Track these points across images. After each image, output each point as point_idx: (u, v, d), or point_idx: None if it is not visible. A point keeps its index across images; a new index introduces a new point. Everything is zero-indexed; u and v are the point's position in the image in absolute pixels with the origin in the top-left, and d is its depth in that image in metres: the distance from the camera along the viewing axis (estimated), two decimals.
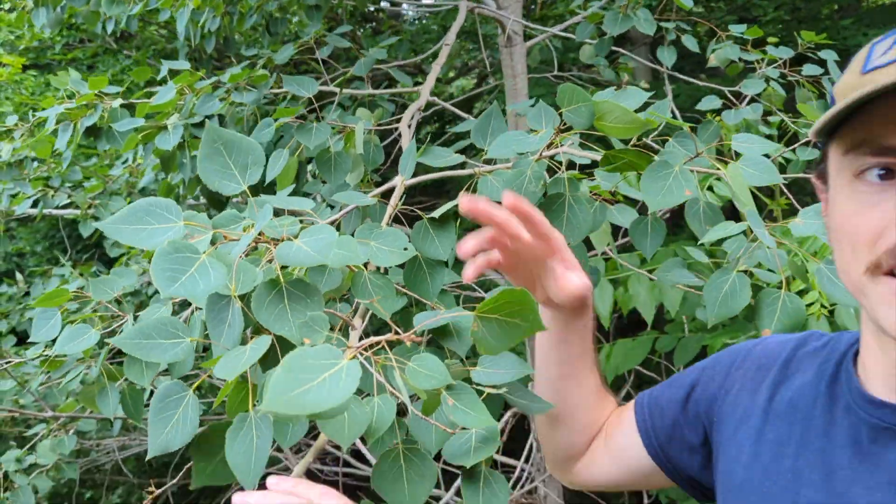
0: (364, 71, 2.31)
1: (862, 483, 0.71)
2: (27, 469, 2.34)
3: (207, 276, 0.81)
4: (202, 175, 0.93)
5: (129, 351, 0.88)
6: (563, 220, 1.11)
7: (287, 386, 0.67)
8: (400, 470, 0.84)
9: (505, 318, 0.82)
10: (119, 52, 5.57)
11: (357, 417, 0.80)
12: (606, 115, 1.09)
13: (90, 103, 1.82)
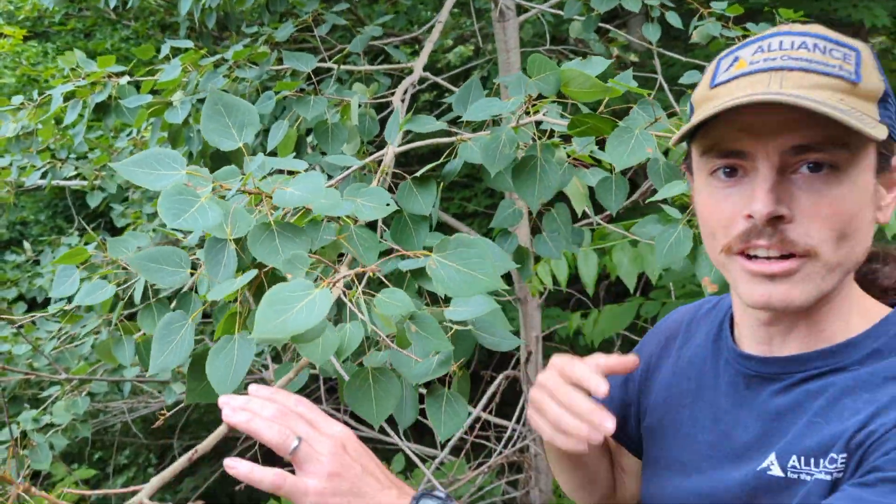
0: (360, 48, 2.39)
1: (741, 424, 0.86)
2: (43, 428, 2.47)
3: (206, 215, 0.95)
4: (204, 133, 1.04)
5: (138, 269, 1.01)
6: (536, 178, 1.21)
7: (270, 316, 0.83)
8: (368, 388, 0.96)
9: (462, 267, 0.95)
10: (118, 22, 5.60)
11: (329, 340, 0.91)
12: (571, 81, 1.20)
13: (99, 81, 1.91)
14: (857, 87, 0.74)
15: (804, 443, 0.79)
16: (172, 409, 2.89)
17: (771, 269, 0.77)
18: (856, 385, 0.79)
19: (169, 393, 2.71)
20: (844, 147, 0.74)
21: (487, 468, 2.86)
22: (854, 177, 0.75)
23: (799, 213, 0.75)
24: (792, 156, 0.75)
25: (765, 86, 0.74)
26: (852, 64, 0.75)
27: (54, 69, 4.94)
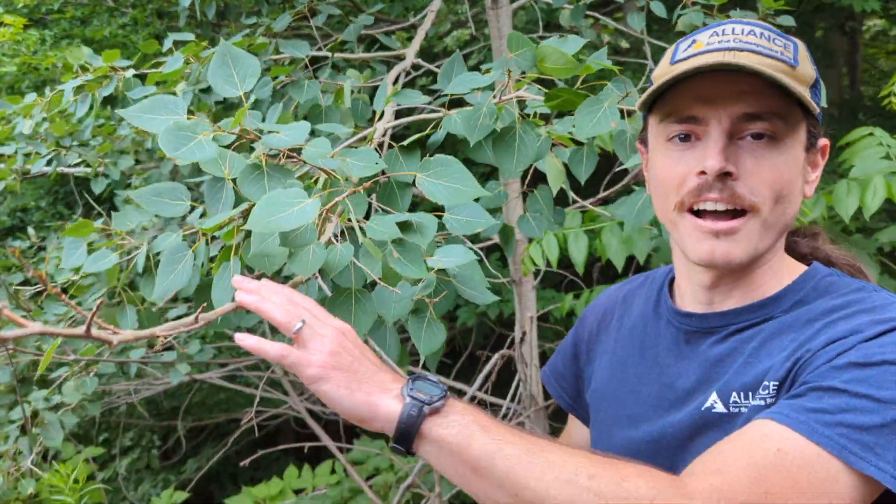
0: (353, 36, 2.46)
1: (684, 374, 0.96)
2: (53, 407, 2.55)
3: (203, 149, 1.04)
4: (211, 81, 1.13)
5: (143, 203, 1.10)
6: (514, 149, 1.28)
7: (266, 212, 0.93)
8: (349, 306, 1.04)
9: (446, 181, 1.08)
10: (115, 9, 5.63)
11: (318, 255, 1.00)
12: (547, 57, 1.27)
13: (105, 75, 1.98)
14: (795, 71, 0.86)
15: (742, 380, 0.89)
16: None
17: (717, 227, 0.88)
18: (782, 328, 0.89)
19: (174, 374, 2.79)
20: (783, 119, 0.85)
21: None
22: (789, 147, 0.87)
23: (744, 173, 0.86)
24: (741, 123, 0.86)
25: (720, 60, 0.84)
26: (791, 52, 0.87)
27: (54, 57, 5.00)
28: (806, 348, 0.83)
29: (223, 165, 1.09)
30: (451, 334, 5.44)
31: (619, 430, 1.03)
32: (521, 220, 1.53)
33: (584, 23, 2.78)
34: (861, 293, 0.88)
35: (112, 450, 4.44)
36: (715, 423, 0.89)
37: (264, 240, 1.01)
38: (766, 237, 0.89)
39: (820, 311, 0.88)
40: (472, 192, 1.08)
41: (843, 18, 6.54)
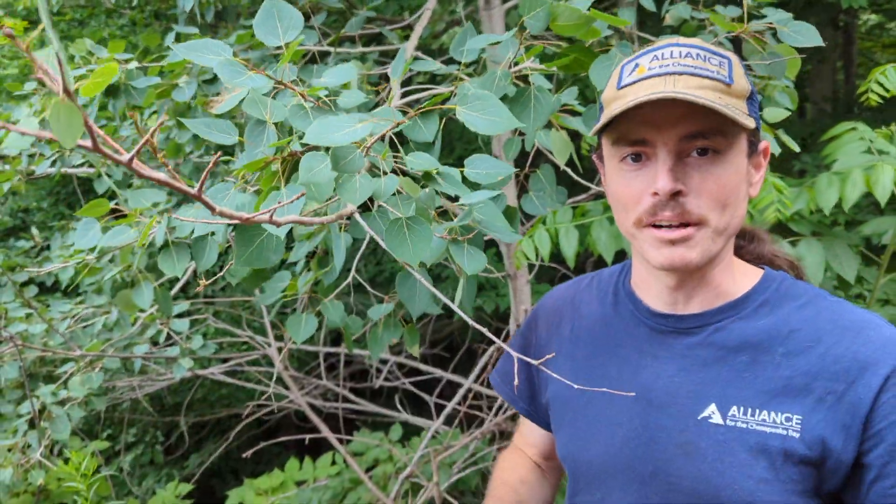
0: (355, 30, 2.52)
1: (664, 375, 1.02)
2: (60, 402, 2.61)
3: (254, 80, 1.15)
4: (256, 30, 1.21)
5: (196, 130, 1.16)
6: (531, 105, 1.33)
7: (321, 129, 1.02)
8: (404, 235, 1.07)
9: (482, 113, 1.16)
10: (114, 11, 5.69)
11: (365, 184, 1.06)
12: (559, 16, 1.32)
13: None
14: (731, 88, 0.94)
15: (742, 394, 0.95)
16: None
17: (672, 236, 0.96)
18: (767, 339, 0.96)
19: (177, 368, 2.85)
20: (723, 135, 0.93)
21: (480, 434, 3.01)
22: (731, 158, 0.94)
23: (692, 189, 0.94)
24: (685, 142, 0.93)
25: (661, 87, 0.92)
26: (726, 69, 0.94)
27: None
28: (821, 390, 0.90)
29: (264, 110, 1.16)
30: (448, 329, 5.51)
31: (596, 432, 1.06)
32: (525, 199, 1.57)
33: None
34: (820, 300, 0.98)
35: (116, 445, 4.51)
36: (711, 434, 0.95)
37: (313, 168, 1.06)
38: (718, 241, 0.97)
39: (797, 322, 0.96)
40: (507, 123, 1.15)
41: (834, 13, 6.59)
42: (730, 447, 0.93)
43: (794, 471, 0.90)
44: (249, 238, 1.19)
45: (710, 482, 0.94)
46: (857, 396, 0.88)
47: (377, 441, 3.49)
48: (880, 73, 2.12)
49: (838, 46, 7.73)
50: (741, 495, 0.91)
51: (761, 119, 1.11)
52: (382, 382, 3.75)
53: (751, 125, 0.92)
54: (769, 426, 0.92)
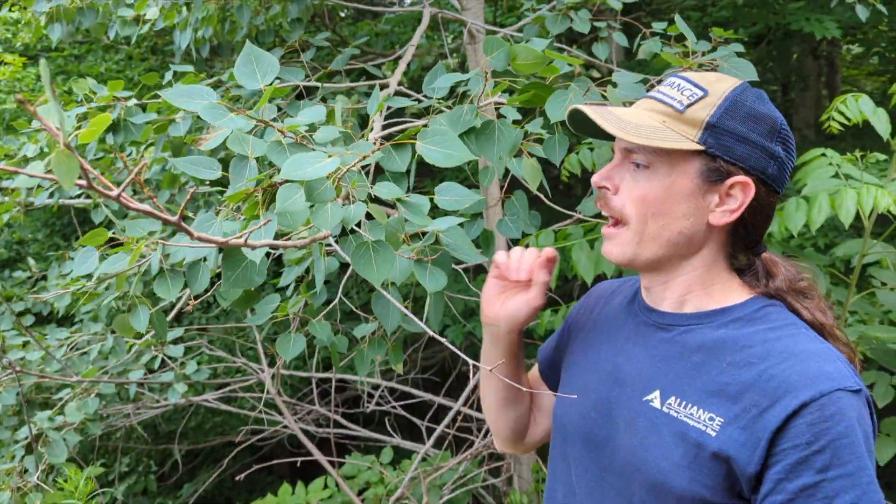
0: (341, 66, 2.65)
1: (633, 359, 1.14)
2: (57, 427, 2.67)
3: (235, 122, 1.25)
4: (236, 75, 1.31)
5: (183, 169, 1.26)
6: (495, 138, 1.44)
7: (294, 165, 1.12)
8: (370, 256, 1.18)
9: (440, 147, 1.28)
10: (111, 47, 5.82)
11: (336, 211, 1.16)
12: (518, 56, 1.44)
13: (108, 104, 2.14)
14: (681, 115, 1.05)
15: (682, 388, 1.05)
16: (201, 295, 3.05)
17: (605, 231, 1.12)
18: (722, 347, 1.05)
19: (172, 393, 2.91)
20: (655, 154, 1.05)
21: (470, 455, 3.07)
22: (665, 175, 1.05)
23: (620, 190, 1.08)
24: (628, 152, 1.08)
25: (636, 106, 1.08)
26: (691, 99, 1.05)
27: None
28: (748, 402, 0.98)
29: (246, 146, 1.27)
30: (441, 355, 5.57)
31: (579, 393, 1.20)
32: (501, 223, 1.68)
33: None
34: (792, 328, 1.04)
35: (110, 475, 4.53)
36: (648, 415, 1.06)
37: (289, 198, 1.16)
38: (648, 247, 1.08)
39: (755, 341, 1.03)
40: (462, 157, 1.27)
41: (815, 43, 6.77)
42: (658, 429, 1.04)
43: (707, 464, 0.98)
44: (235, 262, 1.30)
45: (636, 455, 1.05)
46: (773, 415, 0.95)
47: (368, 464, 3.54)
48: (841, 101, 2.23)
49: (822, 75, 7.91)
50: (657, 474, 1.01)
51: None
52: (374, 407, 3.80)
53: (678, 146, 1.02)
54: (693, 420, 1.01)
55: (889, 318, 2.89)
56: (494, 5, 4.62)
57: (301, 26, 2.60)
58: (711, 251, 1.10)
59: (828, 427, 0.92)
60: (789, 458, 0.93)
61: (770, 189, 1.08)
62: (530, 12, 2.65)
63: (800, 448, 0.93)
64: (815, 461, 0.92)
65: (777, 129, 1.07)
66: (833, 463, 0.91)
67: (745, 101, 1.05)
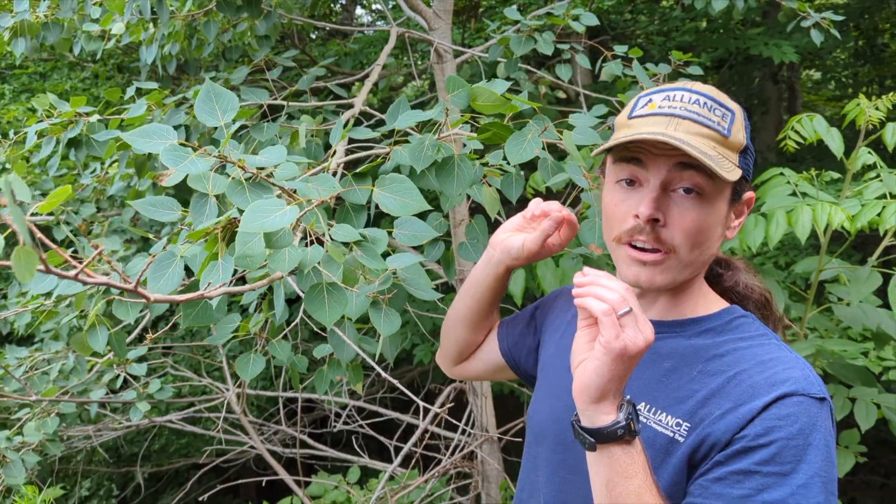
0: (307, 86, 2.66)
1: None
2: (16, 448, 2.61)
3: (196, 165, 1.23)
4: (197, 112, 1.30)
5: (142, 211, 1.26)
6: (454, 174, 1.48)
7: (254, 216, 1.11)
8: (323, 298, 1.19)
9: (397, 195, 1.29)
10: (77, 64, 5.76)
11: (294, 255, 1.17)
12: (479, 96, 1.47)
13: (71, 119, 2.12)
14: (727, 140, 1.03)
15: (653, 394, 1.07)
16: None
17: (644, 258, 1.07)
18: (694, 355, 1.07)
19: (134, 412, 2.87)
20: (710, 178, 1.02)
21: (438, 474, 3.06)
22: (713, 202, 1.05)
23: (670, 221, 1.04)
24: (675, 171, 1.02)
25: (664, 127, 1.03)
26: (727, 122, 1.04)
27: (15, 111, 5.09)
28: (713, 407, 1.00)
29: (207, 184, 1.27)
30: (410, 376, 5.55)
31: (551, 399, 1.21)
32: (461, 247, 1.70)
33: (521, 75, 3.02)
34: (762, 339, 1.07)
35: (70, 499, 4.42)
36: None
37: (248, 241, 1.18)
38: (685, 272, 1.08)
39: (725, 350, 1.05)
40: (417, 206, 1.30)
41: (774, 68, 6.95)
42: None
43: (673, 468, 1.01)
44: (194, 303, 1.32)
45: None
46: (736, 416, 0.97)
47: (335, 483, 3.51)
48: (797, 121, 2.29)
49: (783, 100, 8.12)
50: None
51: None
52: (342, 427, 3.77)
53: (733, 178, 1.01)
54: (661, 426, 1.03)
55: (847, 333, 2.96)
56: (462, 27, 4.68)
57: (269, 44, 2.61)
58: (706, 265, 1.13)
59: (780, 426, 0.94)
60: (734, 446, 0.96)
61: None
62: (496, 33, 2.69)
63: (747, 439, 0.95)
64: (757, 453, 0.94)
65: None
66: (773, 460, 0.93)
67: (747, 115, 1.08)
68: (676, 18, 5.13)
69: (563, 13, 2.54)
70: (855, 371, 2.46)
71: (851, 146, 2.42)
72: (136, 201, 1.26)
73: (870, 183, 2.37)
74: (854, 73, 7.44)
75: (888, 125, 2.32)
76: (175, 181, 1.32)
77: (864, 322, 2.37)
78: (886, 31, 7.21)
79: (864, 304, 2.42)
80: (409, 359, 4.98)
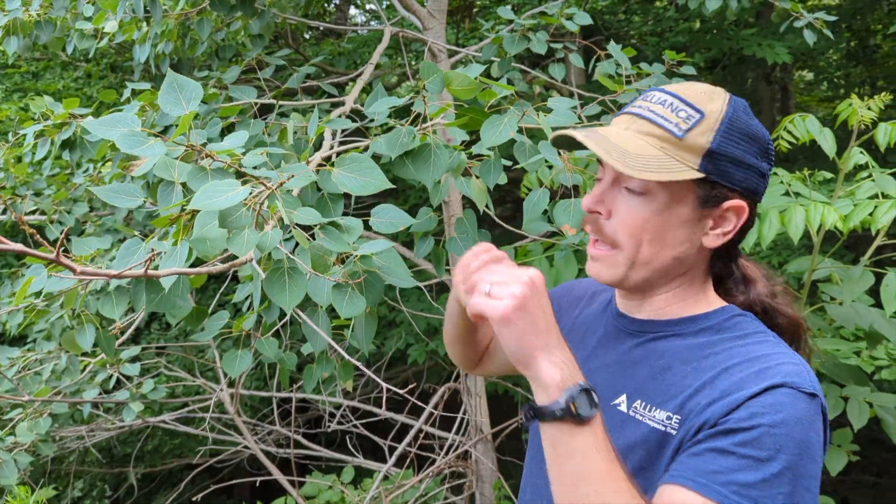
0: (297, 84, 2.66)
1: (603, 362, 1.16)
2: (8, 448, 2.60)
3: (153, 149, 1.22)
4: (161, 103, 1.28)
5: (104, 198, 1.24)
6: (430, 162, 1.46)
7: (206, 196, 1.10)
8: (284, 281, 1.19)
9: (357, 174, 1.28)
10: (69, 64, 5.74)
11: (251, 237, 1.16)
12: (453, 81, 1.46)
13: (65, 121, 2.12)
14: (681, 142, 1.01)
15: (648, 392, 1.06)
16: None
17: (592, 252, 1.10)
18: (686, 352, 1.07)
19: (127, 412, 2.86)
20: (647, 180, 1.00)
21: (431, 472, 3.06)
22: (661, 201, 1.03)
23: (615, 216, 1.05)
24: (621, 175, 1.04)
25: (624, 125, 1.05)
26: (689, 123, 1.01)
27: (8, 110, 5.07)
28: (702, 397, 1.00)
29: (173, 171, 1.26)
30: (404, 375, 5.55)
31: None
32: (450, 242, 1.70)
33: (515, 75, 3.02)
34: (760, 336, 1.05)
35: (62, 499, 4.41)
36: (615, 419, 1.07)
37: (205, 224, 1.17)
38: (642, 271, 1.07)
39: (721, 348, 1.05)
40: (377, 185, 1.27)
41: (767, 69, 6.98)
42: (623, 431, 1.06)
43: (664, 460, 1.01)
44: (155, 288, 1.32)
45: None
46: (724, 403, 0.97)
47: (329, 483, 3.51)
48: (790, 121, 2.30)
49: (776, 100, 8.15)
50: None
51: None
52: (336, 427, 3.77)
53: (665, 178, 0.99)
54: (655, 422, 1.03)
55: (840, 332, 2.97)
56: (456, 27, 4.68)
57: (262, 43, 2.61)
58: (698, 269, 1.10)
59: (763, 413, 0.94)
60: (718, 427, 0.96)
61: (756, 204, 1.08)
62: (490, 33, 2.70)
63: (731, 422, 0.95)
64: (738, 435, 0.94)
65: (766, 147, 1.05)
66: (751, 443, 0.93)
67: (738, 120, 1.03)
68: (670, 19, 5.14)
69: (557, 12, 2.54)
70: (847, 370, 2.47)
71: (844, 146, 2.43)
72: (97, 188, 1.25)
73: (862, 183, 2.38)
74: (846, 73, 7.47)
75: (880, 125, 2.32)
76: (144, 170, 1.32)
77: (856, 321, 2.38)
78: (878, 32, 7.24)
79: (856, 303, 2.43)
80: (403, 358, 4.97)
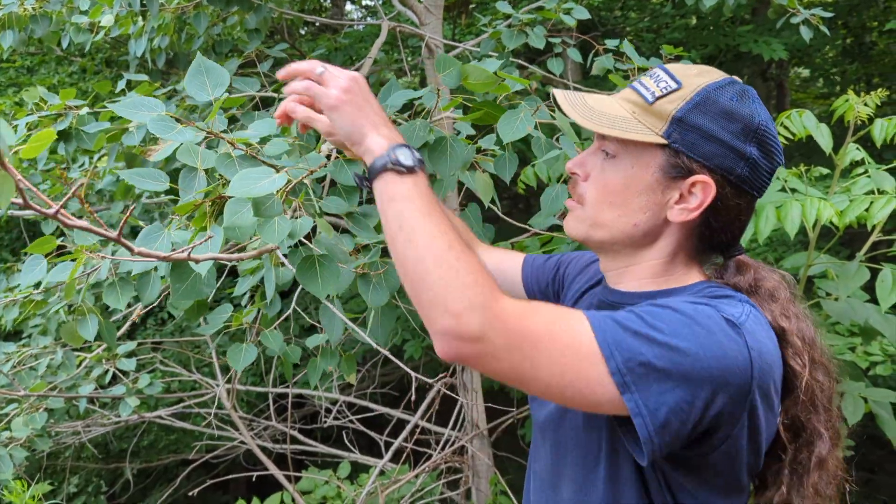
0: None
1: None
2: (4, 443, 2.59)
3: (184, 134, 1.24)
4: (187, 87, 1.28)
5: (130, 180, 1.24)
6: (447, 153, 1.46)
7: (242, 182, 1.12)
8: (315, 270, 1.21)
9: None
10: (65, 59, 5.72)
11: (283, 226, 1.17)
12: (470, 75, 1.45)
13: (60, 112, 2.10)
14: (650, 107, 1.05)
15: None
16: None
17: (567, 203, 1.16)
18: None
19: (123, 407, 2.85)
20: (622, 144, 1.07)
21: (428, 468, 3.06)
22: (627, 165, 1.07)
23: (591, 178, 1.11)
24: (600, 139, 1.10)
25: (618, 95, 1.10)
26: (662, 91, 1.04)
27: (3, 105, 5.05)
28: None
29: (196, 158, 1.26)
30: (400, 371, 5.55)
31: None
32: None
33: (512, 70, 3.02)
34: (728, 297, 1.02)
35: (58, 495, 4.40)
36: None
37: (237, 212, 1.17)
38: (600, 231, 1.10)
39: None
40: None
41: (764, 65, 6.99)
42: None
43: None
44: (183, 275, 1.31)
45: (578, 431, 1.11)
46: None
47: (325, 478, 3.51)
48: (786, 117, 2.30)
49: (772, 98, 8.16)
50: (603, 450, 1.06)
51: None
52: (332, 422, 3.77)
53: (642, 139, 1.03)
54: None
55: (835, 328, 2.98)
56: (453, 22, 4.68)
57: (259, 37, 2.60)
58: (669, 245, 1.08)
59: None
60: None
61: (739, 190, 1.03)
62: (488, 27, 2.69)
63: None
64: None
65: (753, 128, 1.02)
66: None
67: (720, 97, 1.02)
68: (666, 15, 5.14)
69: (555, 7, 2.54)
70: (843, 366, 2.47)
71: (840, 142, 2.43)
72: (124, 171, 1.24)
73: (858, 179, 2.39)
74: (842, 70, 7.48)
75: (876, 121, 2.33)
76: (163, 156, 1.31)
77: (851, 317, 2.39)
78: (874, 29, 7.25)
79: (852, 299, 2.43)
80: (399, 354, 4.97)
